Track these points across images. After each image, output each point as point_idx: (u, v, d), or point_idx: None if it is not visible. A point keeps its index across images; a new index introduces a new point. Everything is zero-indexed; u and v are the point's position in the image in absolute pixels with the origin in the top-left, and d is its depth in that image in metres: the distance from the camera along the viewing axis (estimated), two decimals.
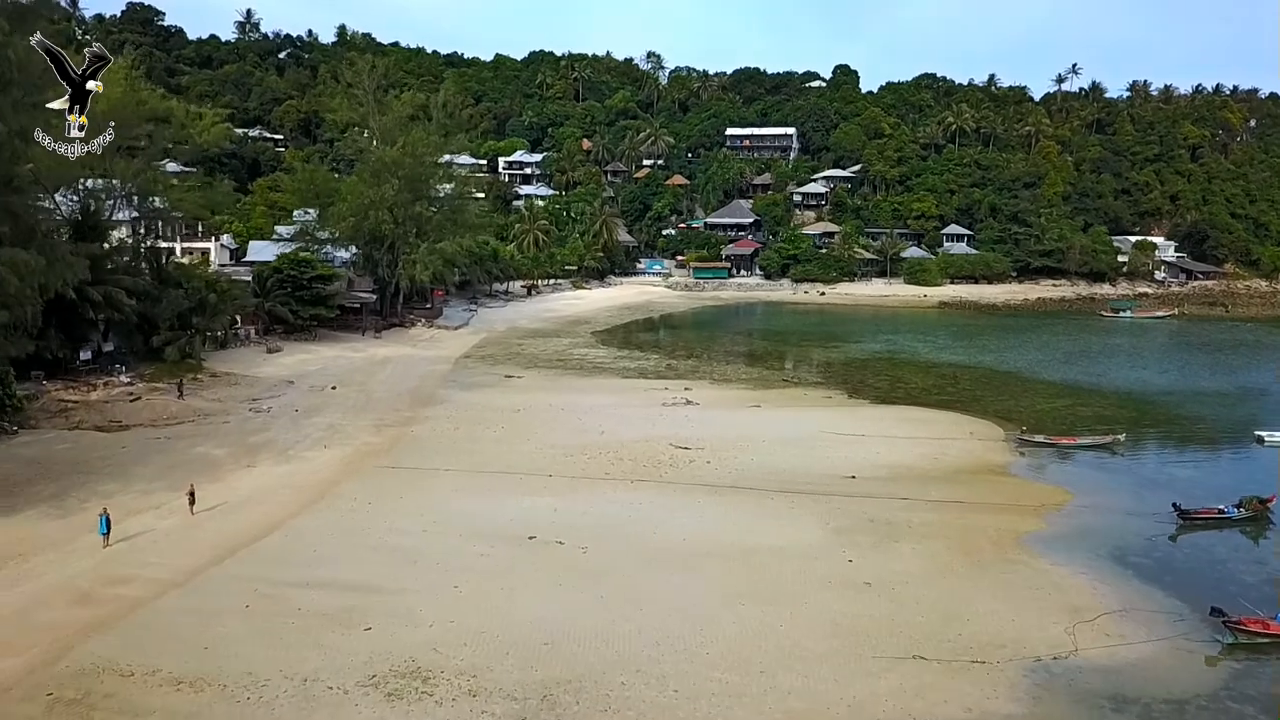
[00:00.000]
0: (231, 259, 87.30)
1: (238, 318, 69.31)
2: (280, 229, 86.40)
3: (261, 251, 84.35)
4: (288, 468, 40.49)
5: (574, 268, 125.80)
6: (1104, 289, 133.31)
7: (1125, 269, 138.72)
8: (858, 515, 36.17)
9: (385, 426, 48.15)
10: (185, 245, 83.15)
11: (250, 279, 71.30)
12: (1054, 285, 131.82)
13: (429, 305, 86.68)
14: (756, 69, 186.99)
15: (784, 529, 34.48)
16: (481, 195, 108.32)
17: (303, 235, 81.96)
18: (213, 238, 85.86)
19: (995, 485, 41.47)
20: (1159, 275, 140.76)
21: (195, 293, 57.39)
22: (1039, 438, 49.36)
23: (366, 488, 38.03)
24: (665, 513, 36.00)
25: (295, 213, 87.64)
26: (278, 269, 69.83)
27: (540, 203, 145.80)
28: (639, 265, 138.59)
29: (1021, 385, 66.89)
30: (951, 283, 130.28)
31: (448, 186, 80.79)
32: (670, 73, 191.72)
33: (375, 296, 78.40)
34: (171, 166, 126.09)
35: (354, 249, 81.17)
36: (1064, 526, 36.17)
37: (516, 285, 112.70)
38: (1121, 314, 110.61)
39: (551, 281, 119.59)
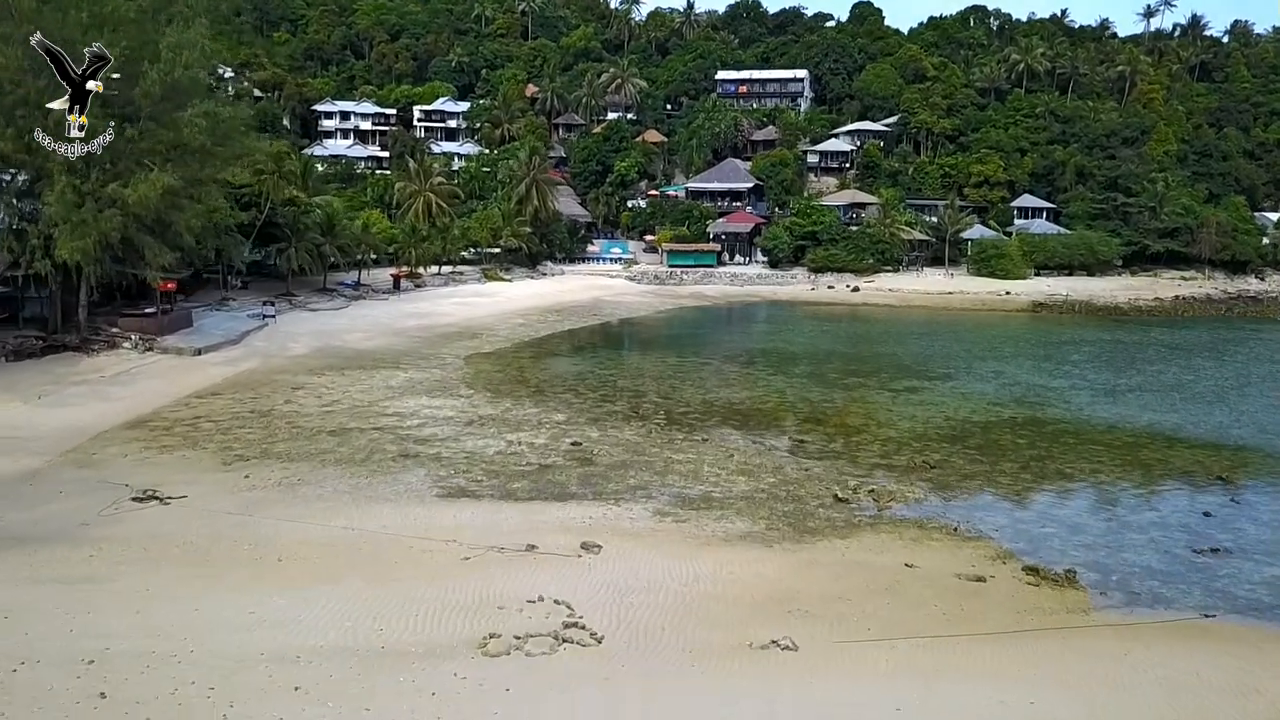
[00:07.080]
0: None
1: None
2: None
3: None
4: None
5: (494, 250, 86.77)
6: (1250, 283, 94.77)
7: (1269, 256, 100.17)
8: None
9: None
10: None
11: None
12: (1183, 278, 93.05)
13: (160, 308, 47.15)
14: (755, 3, 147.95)
15: None
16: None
17: None
18: None
19: None
20: None
21: None
22: None
23: None
24: None
25: None
26: None
27: (464, 162, 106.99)
28: (592, 248, 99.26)
29: None
30: (1037, 273, 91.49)
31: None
32: (648, 11, 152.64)
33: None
34: None
35: None
36: None
37: (387, 275, 73.21)
38: None
39: (447, 270, 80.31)
